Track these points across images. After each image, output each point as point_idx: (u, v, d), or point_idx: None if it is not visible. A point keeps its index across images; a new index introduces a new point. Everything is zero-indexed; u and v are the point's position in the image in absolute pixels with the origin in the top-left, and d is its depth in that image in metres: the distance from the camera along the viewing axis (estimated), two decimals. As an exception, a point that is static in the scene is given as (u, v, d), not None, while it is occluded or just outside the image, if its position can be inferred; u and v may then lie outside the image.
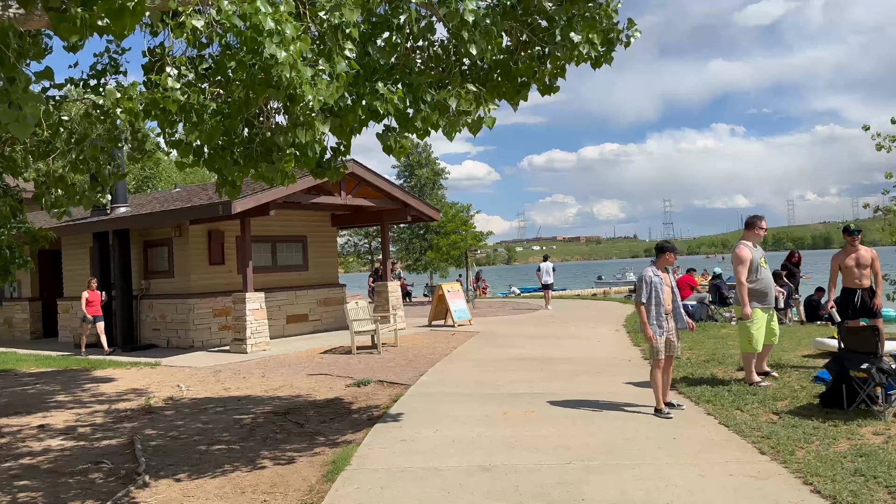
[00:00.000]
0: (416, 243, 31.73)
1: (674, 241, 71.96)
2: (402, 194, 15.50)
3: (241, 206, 12.22)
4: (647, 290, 6.59)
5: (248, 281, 13.29)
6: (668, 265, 6.82)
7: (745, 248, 7.87)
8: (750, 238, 8.05)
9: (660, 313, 6.58)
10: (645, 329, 6.60)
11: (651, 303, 6.59)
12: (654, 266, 6.74)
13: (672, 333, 6.72)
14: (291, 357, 12.21)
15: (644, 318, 6.59)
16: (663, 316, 6.60)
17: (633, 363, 10.02)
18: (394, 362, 10.93)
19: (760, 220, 8.06)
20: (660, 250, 6.84)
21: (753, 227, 8.05)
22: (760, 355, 8.07)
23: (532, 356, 11.01)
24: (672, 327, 6.72)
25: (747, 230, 8.14)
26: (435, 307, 16.99)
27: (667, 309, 6.62)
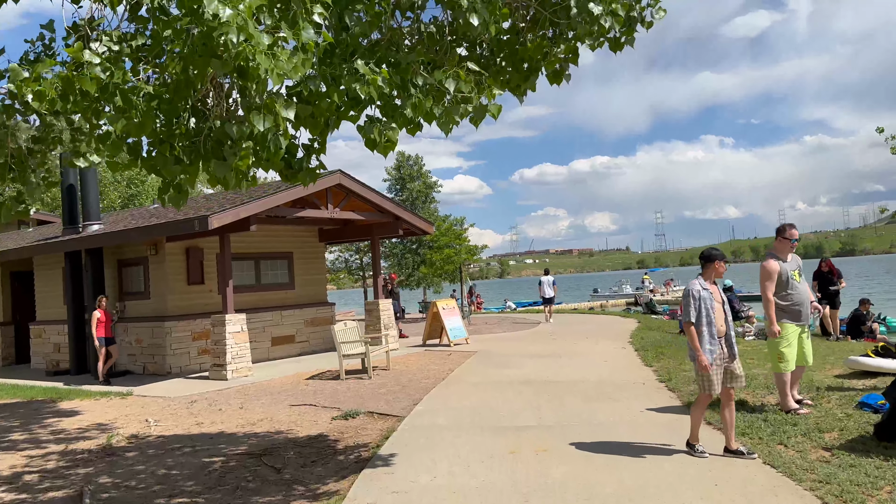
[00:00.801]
0: (409, 258, 30.85)
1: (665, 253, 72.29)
2: (393, 207, 14.64)
3: (218, 220, 11.32)
4: (697, 307, 5.53)
5: (228, 301, 12.36)
6: (719, 276, 5.79)
7: (772, 260, 7.09)
8: (779, 249, 7.21)
9: (711, 335, 5.53)
10: (698, 357, 5.49)
11: (701, 322, 5.53)
12: (700, 278, 5.73)
13: (727, 360, 5.67)
14: (275, 384, 11.26)
15: (696, 343, 5.50)
16: (715, 339, 5.56)
17: (647, 386, 9.13)
18: (386, 388, 10.01)
19: (789, 229, 7.19)
20: (707, 259, 5.76)
21: (782, 237, 7.25)
22: (792, 380, 7.23)
23: (536, 378, 10.11)
24: (726, 353, 5.67)
25: (776, 241, 7.31)
26: (429, 325, 16.08)
27: (719, 330, 5.60)
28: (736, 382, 5.66)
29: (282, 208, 12.97)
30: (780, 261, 7.09)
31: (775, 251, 7.20)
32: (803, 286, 7.12)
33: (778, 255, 7.15)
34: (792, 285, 7.02)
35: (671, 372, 9.95)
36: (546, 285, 21.31)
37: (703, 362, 5.46)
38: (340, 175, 13.40)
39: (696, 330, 5.53)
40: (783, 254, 7.17)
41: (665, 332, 15.68)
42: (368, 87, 3.57)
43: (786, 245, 7.18)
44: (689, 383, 8.97)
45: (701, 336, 5.52)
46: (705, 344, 5.51)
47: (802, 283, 7.14)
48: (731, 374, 5.63)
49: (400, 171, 32.54)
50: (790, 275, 7.00)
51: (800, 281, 7.08)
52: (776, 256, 7.13)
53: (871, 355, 8.78)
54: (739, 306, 14.40)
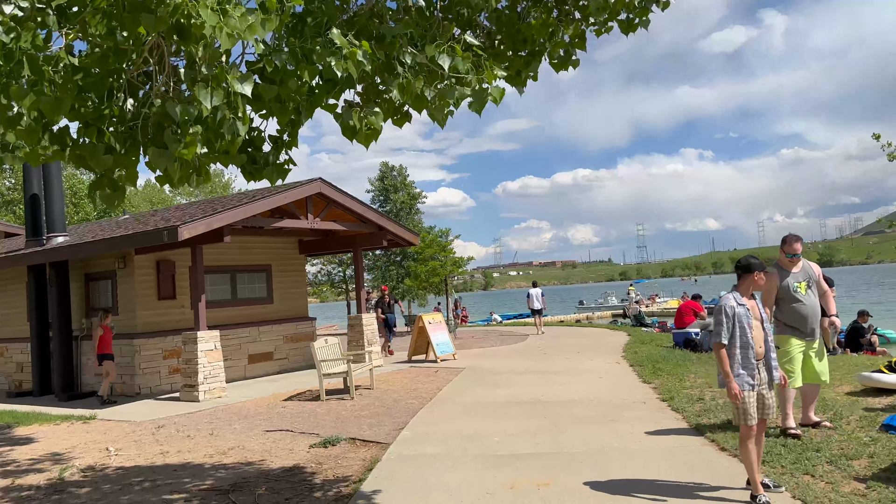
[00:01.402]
0: (394, 270, 30.17)
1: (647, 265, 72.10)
2: (377, 217, 14.00)
3: (189, 231, 10.61)
4: (730, 326, 4.77)
5: (201, 317, 11.62)
6: (758, 289, 5.03)
7: (774, 274, 6.59)
8: (782, 261, 6.77)
9: (747, 358, 4.77)
10: (729, 383, 4.75)
11: (735, 343, 4.77)
12: (736, 292, 4.98)
13: (765, 387, 4.90)
14: (250, 406, 10.52)
15: (726, 367, 4.76)
16: (753, 362, 4.78)
17: (649, 406, 8.54)
18: (369, 410, 9.32)
19: (792, 242, 6.70)
20: (745, 269, 4.95)
21: (781, 249, 6.81)
22: (806, 400, 6.70)
23: (529, 398, 9.48)
24: (764, 378, 4.89)
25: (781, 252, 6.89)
26: (415, 340, 15.41)
27: (758, 353, 4.82)
28: (766, 412, 4.93)
29: (258, 218, 12.28)
30: (783, 272, 6.65)
31: (781, 263, 6.77)
32: (811, 299, 6.57)
33: (782, 266, 6.72)
34: (795, 298, 6.54)
35: (672, 390, 9.37)
36: (535, 298, 21.61)
37: (732, 390, 4.75)
38: (321, 183, 12.74)
39: (728, 352, 4.82)
40: (786, 265, 6.72)
41: (659, 346, 15.13)
42: (346, 63, 2.96)
43: (786, 258, 6.71)
44: (693, 403, 8.39)
45: (732, 359, 4.81)
46: (738, 367, 4.80)
47: (810, 296, 6.58)
48: (762, 402, 4.91)
49: (384, 181, 31.91)
50: (794, 287, 6.55)
51: (806, 293, 6.55)
52: (780, 267, 6.70)
53: (885, 371, 8.26)
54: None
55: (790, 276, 6.59)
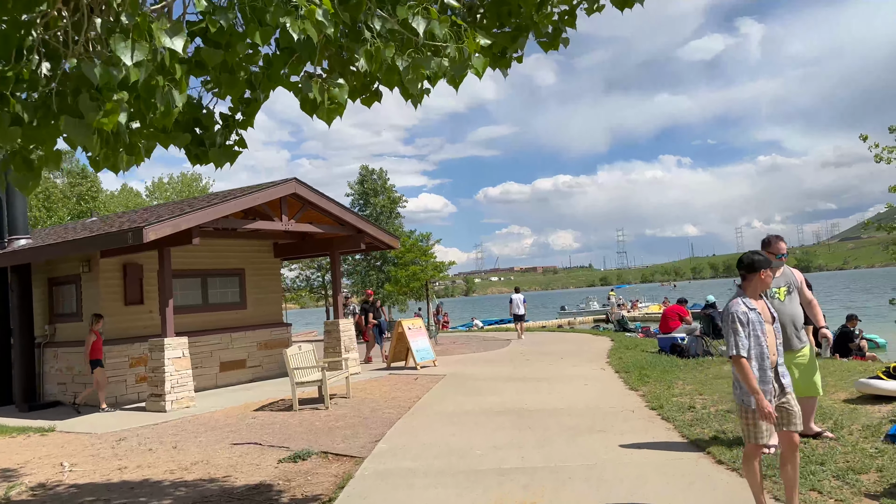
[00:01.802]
0: (373, 275, 29.64)
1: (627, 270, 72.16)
2: (355, 219, 13.52)
3: (154, 232, 10.07)
4: (746, 336, 4.21)
5: (168, 324, 11.07)
6: (766, 288, 4.46)
7: None
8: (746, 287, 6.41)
9: (763, 370, 4.22)
10: (759, 401, 4.12)
11: (750, 355, 4.20)
12: (744, 296, 4.36)
13: (780, 395, 4.33)
14: (219, 416, 9.99)
15: (753, 383, 4.13)
16: (769, 374, 4.24)
17: (638, 415, 8.15)
18: (344, 421, 8.84)
19: (776, 242, 6.27)
20: (749, 268, 4.39)
21: (767, 250, 6.29)
22: (804, 412, 6.22)
23: (513, 406, 9.06)
24: (776, 388, 4.31)
25: None
26: (394, 347, 14.94)
27: (772, 361, 4.28)
28: (792, 423, 4.31)
29: (229, 219, 11.75)
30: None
31: None
32: (790, 306, 6.06)
33: None
34: (773, 303, 6.04)
35: (660, 398, 9.01)
36: (517, 303, 22.00)
37: (764, 408, 4.12)
38: (296, 184, 12.25)
39: None
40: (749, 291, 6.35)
41: (644, 352, 14.80)
42: (304, 24, 2.52)
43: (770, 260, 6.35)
44: (683, 411, 8.02)
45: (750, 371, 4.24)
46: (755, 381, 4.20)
47: (789, 303, 6.07)
48: (786, 413, 4.31)
49: (364, 185, 31.38)
50: (772, 292, 6.09)
51: (784, 300, 6.07)
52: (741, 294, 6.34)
53: (883, 377, 7.95)
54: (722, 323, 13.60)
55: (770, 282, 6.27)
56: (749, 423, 4.30)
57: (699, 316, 14.49)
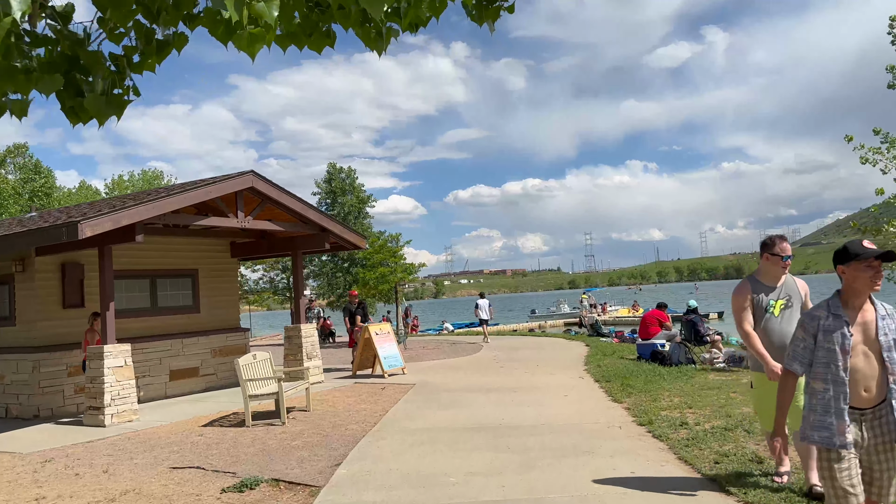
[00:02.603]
0: (340, 277, 28.61)
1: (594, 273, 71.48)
2: (318, 216, 12.60)
3: (91, 228, 9.05)
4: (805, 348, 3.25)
5: (108, 329, 10.04)
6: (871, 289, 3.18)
7: (743, 288, 5.14)
8: (764, 270, 5.15)
9: (838, 401, 3.14)
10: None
11: (819, 375, 3.20)
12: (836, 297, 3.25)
13: (879, 451, 3.17)
14: (163, 432, 9.00)
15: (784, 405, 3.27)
16: (843, 407, 3.12)
17: (626, 432, 7.42)
18: (301, 439, 7.94)
19: (780, 242, 5.11)
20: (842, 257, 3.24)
21: (769, 253, 5.14)
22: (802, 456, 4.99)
23: (489, 422, 8.26)
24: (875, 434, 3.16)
25: (762, 258, 5.22)
26: (360, 353, 14.04)
27: (861, 395, 3.16)
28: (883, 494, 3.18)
29: (178, 215, 10.77)
30: (757, 284, 5.11)
31: (758, 274, 5.19)
32: (787, 324, 4.95)
33: (760, 278, 5.14)
34: (767, 320, 5.01)
35: (648, 412, 8.29)
36: (483, 308, 22.59)
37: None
38: (253, 177, 11.29)
39: (807, 389, 3.29)
40: (769, 276, 5.11)
41: (622, 359, 14.15)
42: None
43: (775, 264, 5.07)
44: (675, 428, 7.31)
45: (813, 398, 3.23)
46: (817, 417, 3.18)
47: (786, 320, 5.00)
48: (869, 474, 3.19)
49: (331, 184, 30.34)
50: (767, 304, 5.00)
51: (779, 315, 5.00)
52: (755, 280, 5.14)
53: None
54: (704, 329, 13.02)
55: (767, 292, 5.07)
56: (828, 480, 3.15)
57: (680, 321, 13.87)
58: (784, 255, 5.05)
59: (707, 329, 13.16)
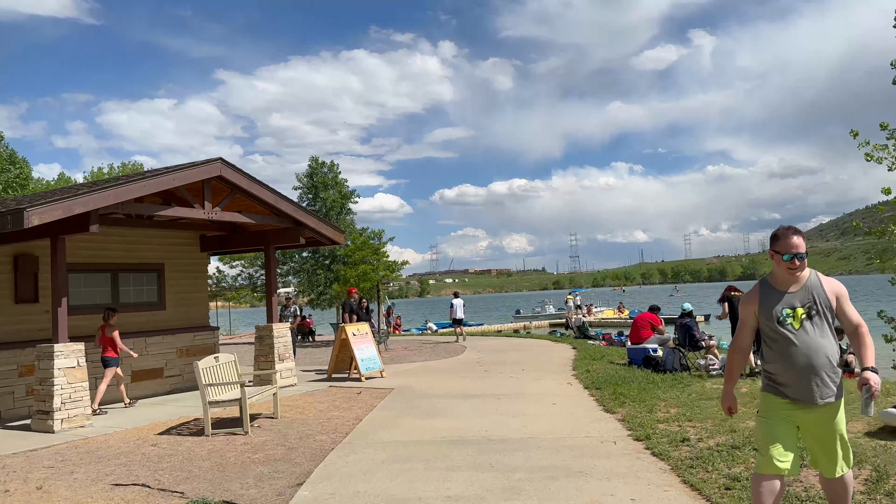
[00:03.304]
0: (321, 274, 27.79)
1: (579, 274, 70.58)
2: (293, 209, 11.83)
3: (40, 216, 8.25)
4: None
5: (60, 327, 9.24)
6: None
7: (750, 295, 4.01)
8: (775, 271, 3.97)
9: None
10: None
11: None
12: None
13: None
14: (115, 441, 8.21)
15: None
16: None
17: (621, 447, 6.75)
18: (264, 452, 7.20)
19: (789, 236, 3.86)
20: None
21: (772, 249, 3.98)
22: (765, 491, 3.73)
23: (471, 434, 7.57)
24: None
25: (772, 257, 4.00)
26: (336, 354, 13.31)
27: None
28: None
29: (142, 204, 9.96)
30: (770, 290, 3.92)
31: (772, 277, 4.00)
32: (810, 337, 3.76)
33: (773, 282, 3.96)
34: (780, 333, 3.81)
35: (644, 424, 7.64)
36: (457, 307, 22.74)
37: None
38: (221, 165, 10.50)
39: None
40: (780, 279, 3.92)
41: (612, 364, 13.52)
42: None
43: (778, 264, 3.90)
44: (675, 444, 6.66)
45: None
46: None
47: (809, 332, 3.77)
48: None
49: (313, 178, 29.49)
50: (782, 314, 3.83)
51: (801, 327, 3.77)
52: (767, 286, 3.97)
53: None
54: (699, 334, 12.42)
55: (781, 298, 3.87)
56: None
57: (674, 325, 13.26)
58: (786, 254, 3.80)
59: (702, 334, 12.56)
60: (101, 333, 10.57)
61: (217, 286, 31.01)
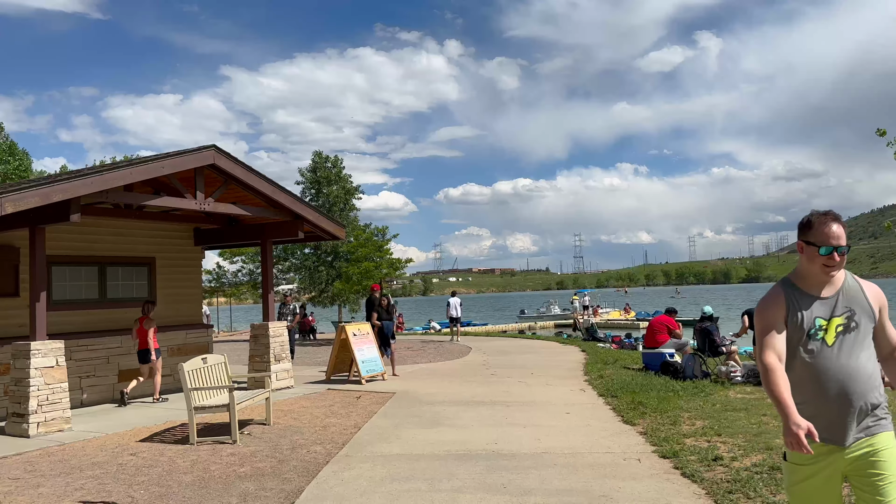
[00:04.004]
0: (323, 271, 27.13)
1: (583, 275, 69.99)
2: (290, 201, 11.17)
3: (14, 204, 7.61)
4: None
5: (38, 323, 8.61)
6: None
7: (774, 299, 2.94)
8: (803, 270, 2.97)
9: None
10: None
11: None
12: None
13: None
14: (92, 448, 7.57)
15: None
16: None
17: (647, 466, 6.08)
18: (251, 464, 6.54)
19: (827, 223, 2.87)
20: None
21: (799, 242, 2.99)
22: None
23: (478, 448, 6.90)
24: None
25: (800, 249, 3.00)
26: (335, 355, 12.66)
27: None
28: None
29: (130, 194, 9.32)
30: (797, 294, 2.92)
31: (796, 276, 3.00)
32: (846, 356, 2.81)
33: (799, 283, 2.97)
34: (813, 352, 2.85)
35: (668, 439, 6.97)
36: (454, 307, 22.56)
37: None
38: (215, 153, 9.85)
39: None
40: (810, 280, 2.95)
41: (626, 370, 12.85)
42: None
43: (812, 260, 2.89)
44: (707, 464, 5.98)
45: None
46: None
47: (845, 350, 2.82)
48: None
49: (316, 173, 28.80)
50: (814, 326, 2.86)
51: (835, 342, 2.83)
52: (792, 287, 2.96)
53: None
54: (720, 339, 11.74)
55: (811, 305, 2.90)
56: None
57: (693, 329, 12.55)
58: (824, 246, 2.84)
59: (723, 339, 11.85)
60: (138, 325, 10.51)
61: (217, 282, 30.40)
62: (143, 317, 10.54)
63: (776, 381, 2.79)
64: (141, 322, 10.52)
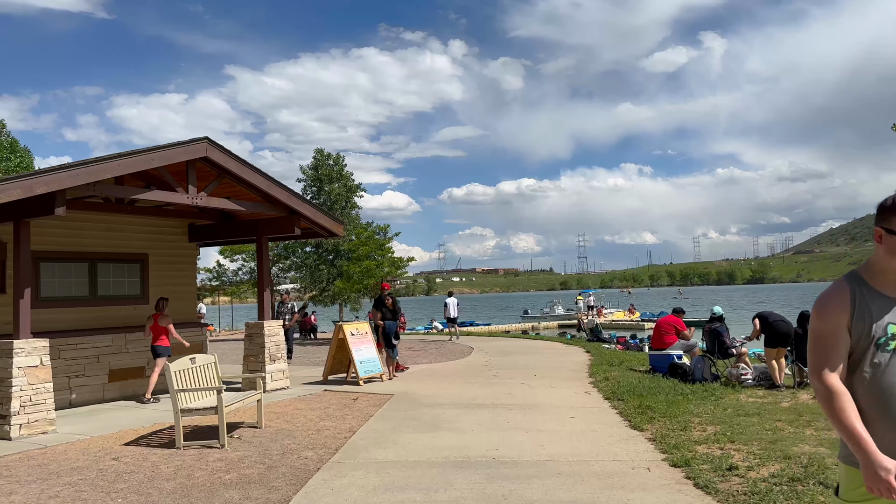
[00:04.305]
0: (324, 270, 26.79)
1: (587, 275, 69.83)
2: (286, 196, 10.82)
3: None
4: None
5: (22, 321, 8.28)
6: None
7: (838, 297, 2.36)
8: (878, 263, 2.38)
9: None
10: None
11: None
12: None
13: None
14: (74, 451, 7.23)
15: None
16: None
17: (657, 475, 5.72)
18: (238, 471, 6.20)
19: None
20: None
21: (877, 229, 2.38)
22: None
23: (478, 455, 6.55)
24: None
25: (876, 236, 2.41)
26: (333, 355, 12.32)
27: None
28: None
29: (120, 187, 8.99)
30: (867, 291, 2.36)
31: (866, 270, 2.42)
32: None
33: (871, 279, 2.40)
34: (880, 366, 2.30)
35: (679, 446, 6.60)
36: (451, 306, 22.34)
37: None
38: (207, 145, 9.50)
39: None
40: (886, 277, 2.38)
41: (632, 371, 12.47)
42: None
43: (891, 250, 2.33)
44: (722, 473, 5.62)
45: None
46: None
47: None
48: None
49: (318, 170, 28.47)
50: (887, 333, 2.31)
51: None
52: (861, 283, 2.40)
53: None
54: (730, 341, 11.35)
55: (883, 307, 2.34)
56: None
57: (702, 331, 12.17)
58: None
59: (733, 341, 11.47)
60: (152, 322, 10.39)
61: (218, 280, 30.12)
62: (156, 313, 10.42)
63: (843, 408, 2.28)
64: (155, 319, 10.39)
